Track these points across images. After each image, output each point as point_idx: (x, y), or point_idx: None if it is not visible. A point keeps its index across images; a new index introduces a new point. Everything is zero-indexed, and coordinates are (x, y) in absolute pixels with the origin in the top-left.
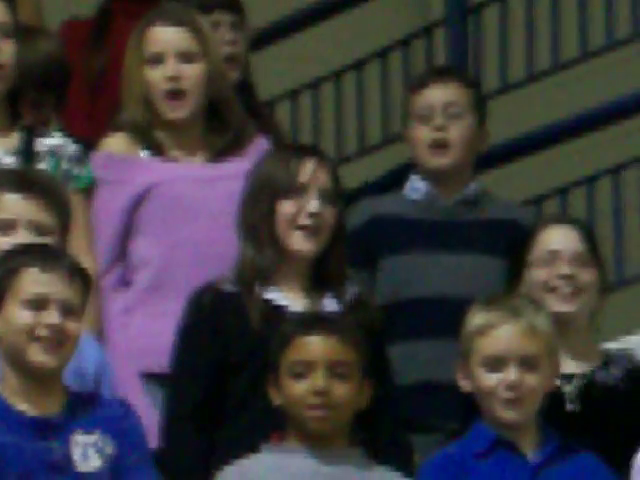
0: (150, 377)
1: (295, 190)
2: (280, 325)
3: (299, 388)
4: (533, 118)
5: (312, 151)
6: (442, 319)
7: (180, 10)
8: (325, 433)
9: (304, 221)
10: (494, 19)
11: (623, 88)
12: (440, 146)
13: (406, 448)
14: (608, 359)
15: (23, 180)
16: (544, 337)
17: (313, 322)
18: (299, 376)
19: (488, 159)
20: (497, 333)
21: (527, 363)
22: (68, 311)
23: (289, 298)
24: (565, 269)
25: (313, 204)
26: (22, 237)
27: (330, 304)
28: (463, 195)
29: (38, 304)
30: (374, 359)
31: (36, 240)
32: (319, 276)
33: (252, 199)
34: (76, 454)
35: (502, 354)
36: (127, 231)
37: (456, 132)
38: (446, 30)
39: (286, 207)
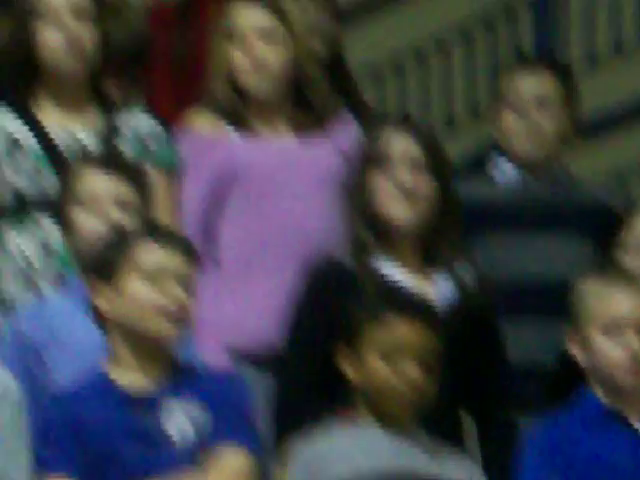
0: (236, 354)
1: (386, 161)
2: (365, 299)
3: (388, 372)
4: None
5: (403, 122)
6: (542, 299)
7: None
8: (406, 418)
9: (395, 191)
10: None
11: None
12: (534, 135)
13: (512, 430)
14: None
15: (109, 159)
16: None
17: (407, 305)
18: (388, 359)
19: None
20: (618, 297)
21: None
22: (186, 286)
23: (403, 273)
24: None
25: (402, 174)
26: (108, 213)
27: (443, 283)
28: (553, 178)
29: (158, 277)
30: (487, 339)
31: (121, 217)
32: (432, 254)
33: (348, 174)
34: (170, 424)
35: (623, 318)
36: (215, 211)
37: (549, 123)
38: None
39: (377, 179)
